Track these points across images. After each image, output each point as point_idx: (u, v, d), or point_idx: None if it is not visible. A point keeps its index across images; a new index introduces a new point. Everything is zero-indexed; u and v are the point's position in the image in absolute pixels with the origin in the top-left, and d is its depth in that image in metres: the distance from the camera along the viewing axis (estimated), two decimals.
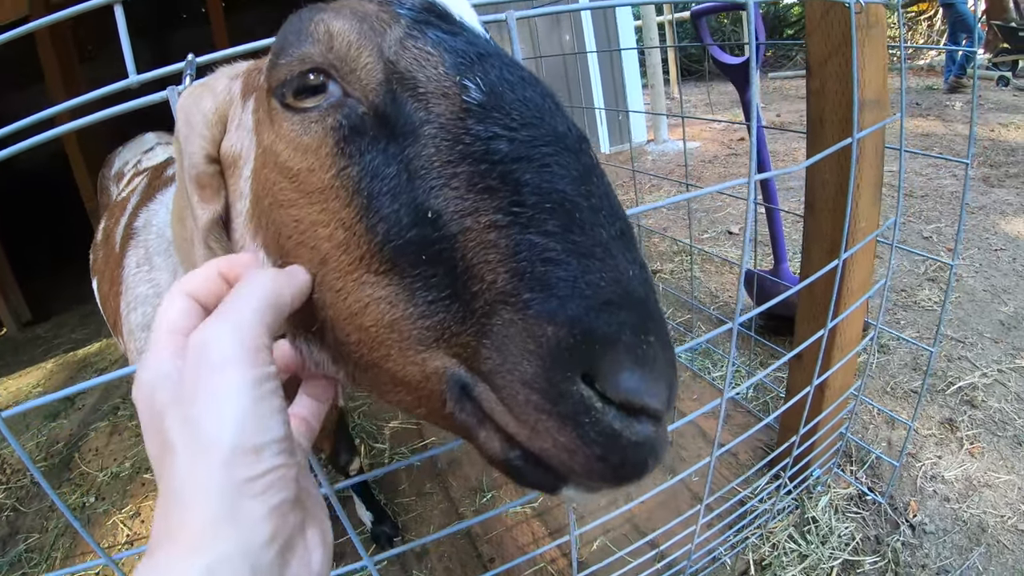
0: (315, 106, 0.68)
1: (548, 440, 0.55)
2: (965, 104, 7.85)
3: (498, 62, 0.66)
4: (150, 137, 2.93)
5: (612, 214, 0.61)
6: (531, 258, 0.57)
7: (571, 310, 0.54)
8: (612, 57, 7.68)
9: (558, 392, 0.54)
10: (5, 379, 5.12)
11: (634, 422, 0.54)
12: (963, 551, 2.05)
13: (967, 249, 4.02)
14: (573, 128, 0.65)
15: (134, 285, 1.43)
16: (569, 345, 0.53)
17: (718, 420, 1.52)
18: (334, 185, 0.66)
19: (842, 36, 1.67)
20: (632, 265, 0.58)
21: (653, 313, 0.57)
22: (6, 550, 2.95)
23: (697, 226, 5.16)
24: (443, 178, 0.61)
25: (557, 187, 0.59)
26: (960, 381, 2.80)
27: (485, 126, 0.61)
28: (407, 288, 0.61)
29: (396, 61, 0.65)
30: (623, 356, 0.53)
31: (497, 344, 0.57)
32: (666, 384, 0.55)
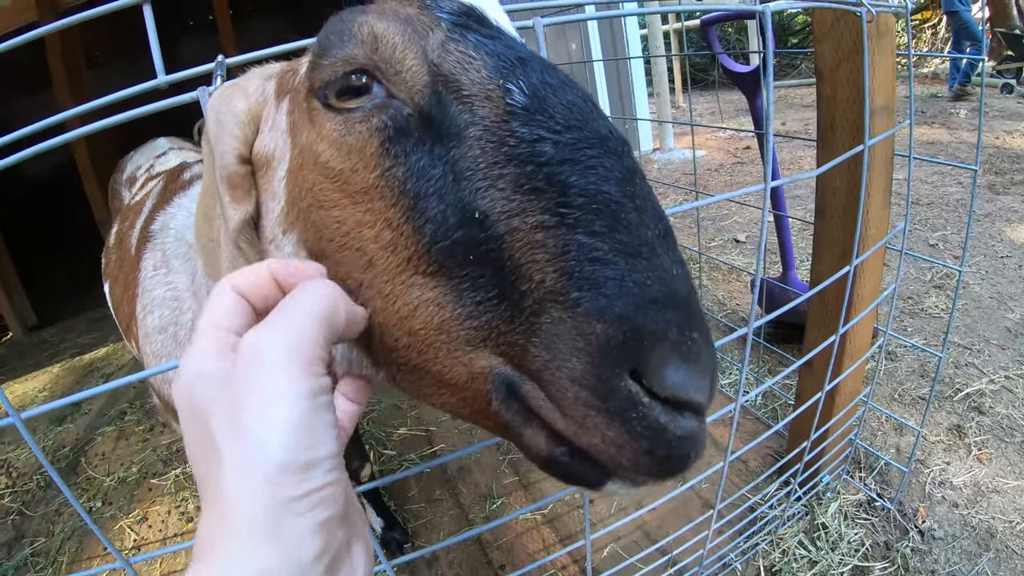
0: (359, 107, 0.68)
1: (597, 435, 0.56)
2: (970, 112, 7.85)
3: (538, 66, 0.67)
4: (162, 142, 2.93)
5: (655, 215, 0.62)
6: (579, 258, 0.58)
7: (619, 308, 0.55)
8: (618, 66, 7.70)
9: (607, 388, 0.55)
10: (11, 383, 5.12)
11: (679, 416, 0.55)
12: (972, 556, 2.05)
13: (973, 256, 4.02)
14: (614, 131, 0.66)
15: (151, 288, 1.44)
16: (618, 342, 0.54)
17: (730, 427, 1.52)
18: (379, 185, 0.66)
19: (853, 44, 1.68)
20: (676, 264, 0.60)
21: (695, 310, 0.58)
22: (12, 554, 2.95)
23: (704, 235, 5.16)
24: (489, 179, 0.62)
25: (603, 189, 0.60)
26: (968, 387, 2.79)
27: (530, 128, 0.62)
28: (455, 289, 0.62)
29: (440, 64, 0.66)
30: (670, 352, 0.54)
31: (546, 342, 0.58)
32: (709, 379, 0.56)
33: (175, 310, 1.36)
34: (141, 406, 4.09)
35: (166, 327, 1.38)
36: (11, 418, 0.87)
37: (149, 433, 3.77)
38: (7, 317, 6.32)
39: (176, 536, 2.81)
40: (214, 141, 0.80)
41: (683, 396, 0.54)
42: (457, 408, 0.68)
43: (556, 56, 7.07)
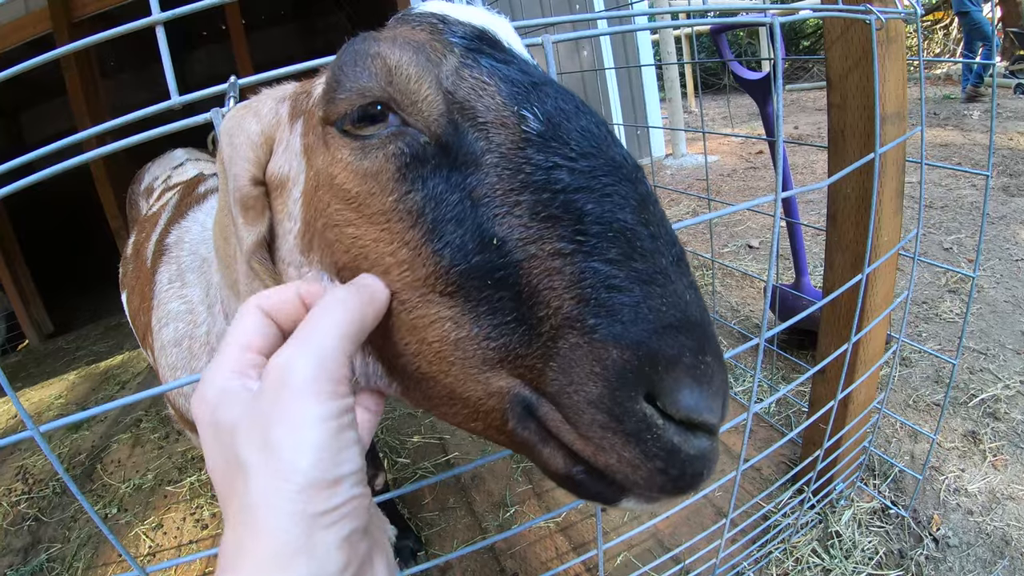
0: (375, 134, 0.69)
1: (613, 456, 0.58)
2: (983, 113, 7.81)
3: (552, 91, 0.68)
4: (179, 153, 2.95)
5: (669, 241, 0.63)
6: (596, 285, 0.59)
7: (635, 334, 0.57)
8: (630, 72, 7.70)
9: (623, 411, 0.57)
10: (28, 390, 5.16)
11: (691, 436, 0.57)
12: (987, 564, 2.03)
13: (987, 260, 3.99)
14: (629, 157, 0.67)
15: (166, 301, 1.45)
16: (633, 367, 0.56)
17: (743, 435, 1.52)
18: (397, 208, 0.67)
19: (862, 51, 1.68)
20: (689, 290, 0.61)
21: (709, 334, 0.60)
22: (28, 559, 2.97)
23: (717, 240, 5.16)
24: (506, 206, 0.64)
25: (618, 216, 0.62)
26: (983, 393, 2.78)
27: (545, 156, 0.64)
28: (473, 310, 0.64)
29: (454, 91, 0.67)
30: (684, 376, 0.56)
31: (563, 366, 0.60)
32: (721, 400, 0.58)
33: (190, 323, 1.37)
34: (157, 414, 4.12)
35: (180, 340, 1.39)
36: (30, 431, 0.88)
37: (164, 441, 3.80)
38: (24, 325, 6.38)
39: (191, 543, 2.82)
40: (227, 163, 0.81)
41: (697, 418, 0.56)
42: (468, 422, 0.69)
43: (568, 64, 7.09)
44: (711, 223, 3.77)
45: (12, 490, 3.63)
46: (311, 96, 0.79)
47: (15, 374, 5.67)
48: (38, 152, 0.86)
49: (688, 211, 6.12)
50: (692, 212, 6.07)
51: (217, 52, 9.22)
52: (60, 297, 7.27)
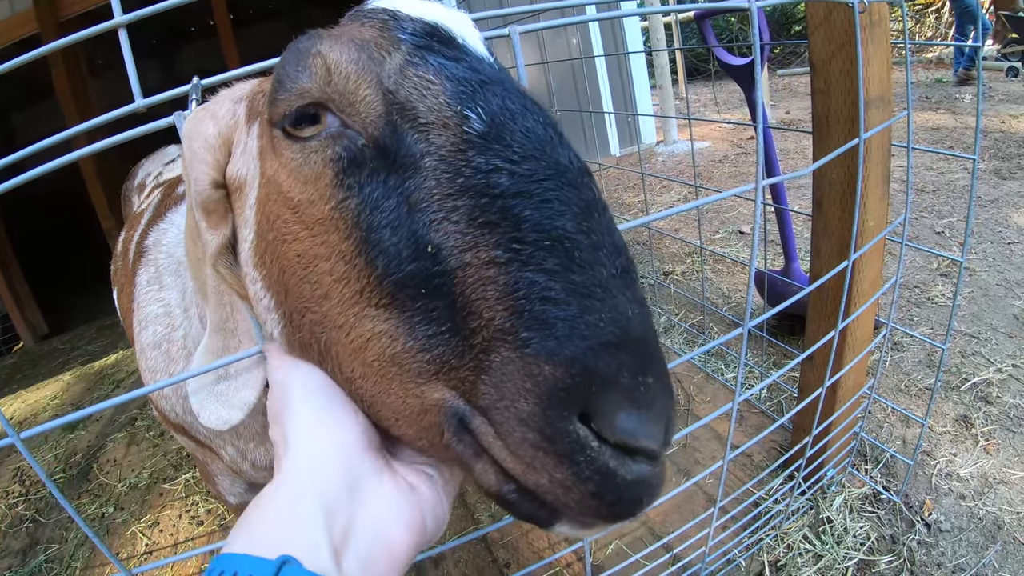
0: (314, 135, 0.68)
1: (544, 476, 0.56)
2: (975, 97, 7.79)
3: (500, 90, 0.66)
4: (172, 149, 2.95)
5: (613, 251, 0.61)
6: (530, 296, 0.57)
7: (569, 350, 0.55)
8: (620, 59, 7.69)
9: (554, 431, 0.54)
10: (23, 392, 5.16)
11: (629, 461, 0.55)
12: (979, 549, 2.04)
13: (980, 243, 3.99)
14: (575, 160, 0.65)
15: (145, 304, 1.44)
16: (566, 385, 0.54)
17: (733, 423, 1.52)
18: (334, 217, 0.66)
19: (846, 35, 1.67)
20: (632, 304, 0.58)
21: (652, 353, 0.57)
22: (26, 561, 2.98)
23: (708, 226, 5.15)
24: (444, 211, 0.61)
25: (557, 224, 0.59)
26: (974, 377, 2.78)
27: (486, 158, 0.62)
28: (407, 322, 0.62)
29: (396, 91, 0.65)
30: (620, 398, 0.54)
31: (495, 380, 0.58)
32: (663, 424, 0.55)
33: (168, 327, 1.36)
34: (151, 413, 4.11)
35: (159, 343, 1.38)
36: (11, 438, 0.88)
37: (159, 439, 3.80)
38: (19, 327, 6.37)
39: (187, 540, 2.83)
40: (188, 168, 0.79)
41: (633, 443, 0.54)
42: (415, 440, 0.67)
43: (556, 52, 7.07)
44: (699, 210, 3.77)
45: (10, 492, 3.63)
46: (266, 96, 0.76)
47: (11, 376, 5.66)
48: (24, 151, 0.85)
49: (680, 198, 6.12)
50: (683, 199, 6.06)
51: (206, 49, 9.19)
52: (54, 298, 7.26)
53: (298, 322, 0.71)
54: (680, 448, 2.70)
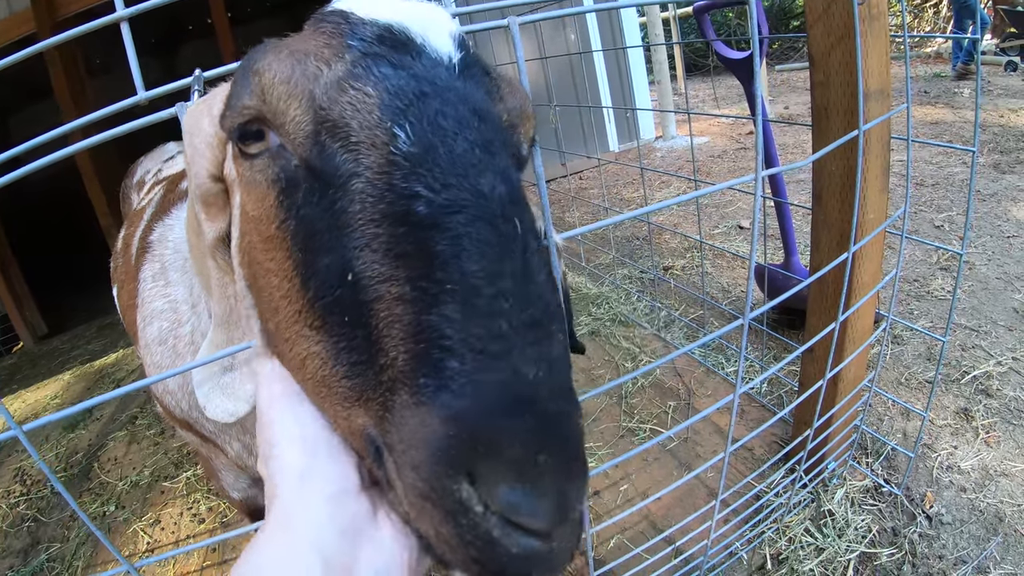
0: (259, 153, 0.66)
1: (431, 528, 0.53)
2: (974, 91, 7.77)
3: (438, 102, 0.62)
4: (171, 146, 2.95)
5: (523, 300, 0.55)
6: (430, 342, 0.54)
7: (460, 407, 0.51)
8: (618, 54, 7.69)
9: (440, 487, 0.51)
10: (23, 392, 5.16)
11: (516, 533, 0.51)
12: (980, 541, 2.04)
13: (979, 237, 4.00)
14: (499, 187, 0.60)
15: (150, 299, 1.44)
16: (453, 444, 0.50)
17: (731, 415, 1.52)
18: (278, 236, 0.64)
19: (845, 28, 1.67)
20: (536, 364, 0.53)
21: (550, 420, 0.52)
22: (28, 560, 2.98)
23: (707, 221, 5.16)
24: (365, 238, 0.58)
25: (463, 264, 0.55)
26: (975, 370, 2.78)
27: (409, 183, 0.58)
28: (335, 347, 0.60)
29: (329, 108, 0.62)
30: (504, 468, 0.50)
31: (396, 421, 0.55)
32: (552, 502, 0.50)
33: (174, 322, 1.37)
34: (152, 410, 4.12)
35: (165, 339, 1.38)
36: (14, 431, 0.88)
37: (160, 437, 3.80)
38: (18, 327, 6.38)
39: (188, 538, 2.83)
40: (189, 161, 0.78)
41: (515, 518, 0.50)
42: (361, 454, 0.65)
43: (555, 47, 7.07)
44: (699, 204, 3.77)
45: (11, 492, 3.63)
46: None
47: (11, 376, 5.66)
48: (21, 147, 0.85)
49: (679, 193, 6.11)
50: (682, 194, 6.05)
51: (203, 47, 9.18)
52: (53, 298, 7.26)
53: (265, 326, 0.71)
54: (681, 442, 2.70)
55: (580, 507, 0.53)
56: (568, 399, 0.54)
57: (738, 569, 2.11)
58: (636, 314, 3.93)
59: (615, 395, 3.14)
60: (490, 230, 0.57)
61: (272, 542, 0.59)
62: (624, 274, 4.54)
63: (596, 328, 3.81)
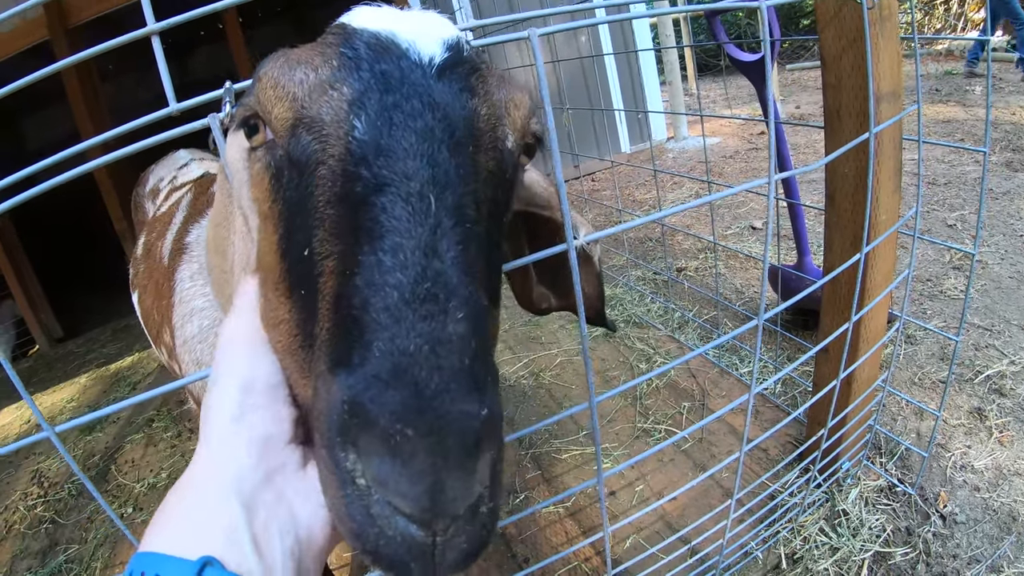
0: (258, 145, 0.72)
1: (327, 495, 0.55)
2: (985, 88, 7.75)
3: (397, 97, 0.65)
4: (183, 154, 2.97)
5: (421, 276, 0.56)
6: (341, 312, 0.56)
7: (348, 375, 0.52)
8: (629, 55, 7.69)
9: (332, 454, 0.52)
10: (39, 395, 5.21)
11: (395, 515, 0.51)
12: (994, 540, 2.04)
13: (992, 236, 3.98)
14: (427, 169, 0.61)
15: (189, 299, 1.48)
16: (341, 412, 0.51)
17: (746, 416, 1.53)
18: (270, 215, 0.70)
19: (856, 31, 1.68)
20: (422, 339, 0.53)
21: (425, 397, 0.50)
22: (46, 561, 3.01)
23: (720, 222, 5.16)
24: (320, 218, 0.63)
25: (375, 239, 0.57)
26: (988, 370, 2.78)
27: (357, 167, 0.62)
28: (297, 316, 0.63)
29: (310, 106, 0.67)
30: (374, 439, 0.49)
31: (316, 390, 0.57)
32: (425, 487, 0.49)
33: (214, 320, 1.41)
34: (168, 413, 4.15)
35: (206, 336, 1.42)
36: (46, 432, 0.90)
37: (177, 439, 3.83)
38: (33, 330, 6.42)
39: None
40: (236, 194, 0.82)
41: (386, 496, 0.50)
42: None
43: (567, 51, 7.08)
44: (712, 205, 3.77)
45: (28, 494, 3.67)
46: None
47: (26, 379, 5.70)
48: (41, 164, 0.87)
49: (691, 194, 6.12)
50: (695, 195, 6.06)
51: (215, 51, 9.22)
52: (68, 301, 7.31)
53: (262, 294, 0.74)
54: (696, 442, 2.71)
55: (467, 504, 0.52)
56: (458, 381, 0.52)
57: (753, 568, 2.12)
58: (650, 315, 3.94)
59: (630, 396, 3.15)
60: (403, 207, 0.59)
61: (195, 484, 0.60)
62: (638, 276, 4.55)
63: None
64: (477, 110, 0.69)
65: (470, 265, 0.60)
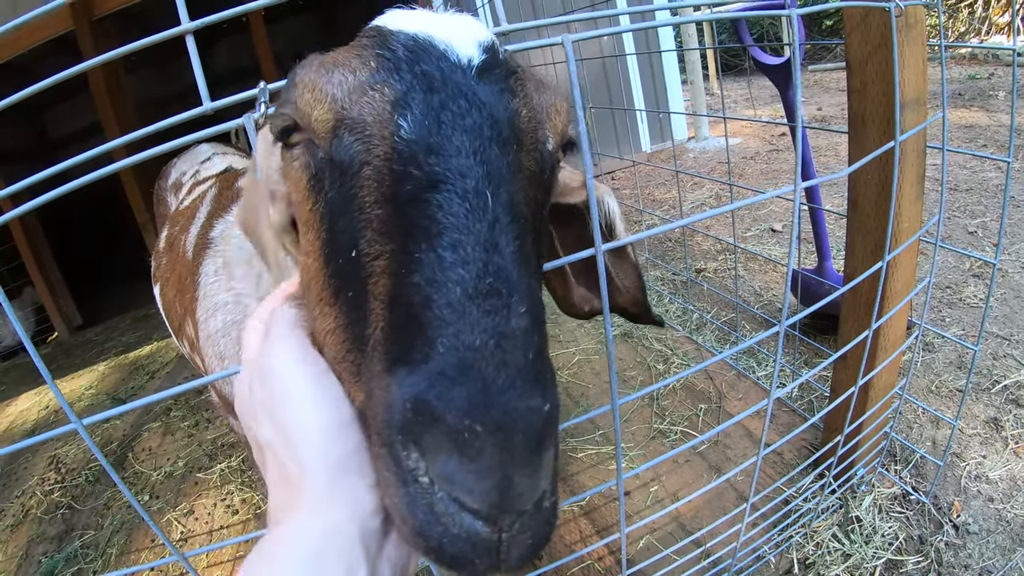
0: (296, 144, 0.72)
1: (387, 497, 0.54)
2: (1008, 94, 7.68)
3: (443, 96, 0.65)
4: (205, 148, 2.99)
5: (482, 271, 0.56)
6: (398, 309, 0.56)
7: (409, 372, 0.51)
8: (651, 56, 7.67)
9: (392, 454, 0.52)
10: (58, 382, 5.24)
11: (460, 512, 0.50)
12: (1006, 552, 2.04)
13: (1013, 244, 3.95)
14: (480, 167, 0.62)
15: (213, 293, 1.49)
16: (403, 409, 0.50)
17: (764, 420, 1.53)
18: (309, 220, 0.70)
19: (882, 37, 1.67)
20: (486, 334, 0.52)
21: (492, 392, 0.50)
22: (62, 546, 3.05)
23: (740, 224, 5.14)
24: (367, 219, 0.62)
25: (432, 235, 0.57)
26: (1006, 379, 2.76)
27: (405, 166, 0.61)
28: (344, 321, 0.63)
29: (350, 107, 0.67)
30: (441, 436, 0.49)
31: (368, 391, 0.57)
32: (493, 482, 0.48)
33: (239, 314, 1.42)
34: (186, 402, 4.19)
35: (229, 331, 1.43)
36: (74, 424, 0.92)
37: (194, 429, 3.86)
38: (53, 318, 6.48)
39: (222, 528, 2.88)
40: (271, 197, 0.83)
41: (452, 492, 0.49)
42: None
43: (589, 50, 7.07)
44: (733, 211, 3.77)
45: (45, 479, 3.72)
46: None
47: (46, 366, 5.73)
48: (69, 162, 0.88)
49: (711, 195, 6.10)
50: (715, 196, 6.04)
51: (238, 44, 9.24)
52: (88, 290, 7.37)
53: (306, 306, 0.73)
54: (712, 445, 2.71)
55: (534, 500, 0.51)
56: (523, 377, 0.52)
57: (765, 573, 2.12)
58: (668, 316, 3.94)
59: (647, 397, 3.15)
60: (460, 204, 0.58)
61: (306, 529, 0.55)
62: (656, 276, 4.55)
63: (628, 330, 3.82)
64: (519, 111, 0.69)
65: (527, 261, 0.61)
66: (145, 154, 0.86)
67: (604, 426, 2.98)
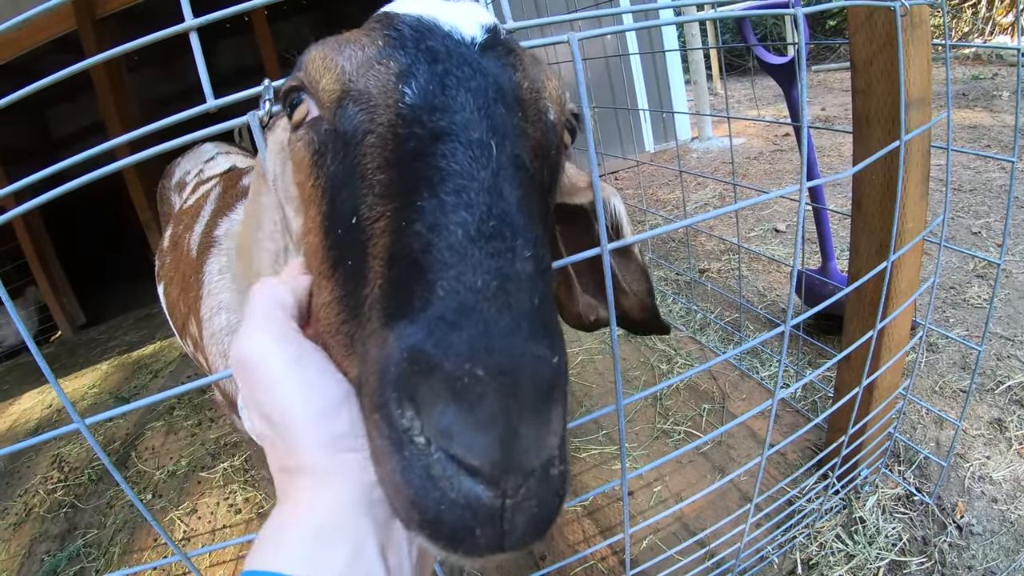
0: (301, 122, 0.73)
1: (381, 468, 0.49)
2: (1013, 94, 7.66)
3: (446, 65, 0.66)
4: (209, 147, 2.99)
5: (486, 214, 0.54)
6: (401, 262, 0.53)
7: (410, 324, 0.48)
8: (654, 56, 7.66)
9: (385, 413, 0.47)
10: (61, 380, 5.25)
11: (460, 474, 0.45)
12: (1010, 553, 2.03)
13: (1017, 244, 3.94)
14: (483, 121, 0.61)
15: (217, 292, 1.49)
16: (398, 362, 0.46)
17: (768, 421, 1.53)
18: (312, 196, 0.70)
19: (887, 36, 1.67)
20: (488, 275, 0.49)
21: (495, 334, 0.46)
22: (65, 545, 3.05)
23: (743, 224, 5.13)
24: (369, 185, 0.62)
25: (435, 183, 0.56)
26: (1010, 380, 2.76)
27: (409, 128, 0.61)
28: (340, 291, 0.61)
29: (356, 79, 0.68)
30: (437, 384, 0.44)
31: (363, 356, 0.54)
32: (495, 436, 0.43)
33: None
34: (189, 401, 4.19)
35: (233, 329, 1.43)
36: (76, 424, 0.92)
37: (197, 428, 3.87)
38: (56, 316, 6.49)
39: (225, 528, 2.88)
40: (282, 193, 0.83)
41: (449, 448, 0.44)
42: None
43: (591, 50, 7.06)
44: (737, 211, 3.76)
45: (48, 478, 3.72)
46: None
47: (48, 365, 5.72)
48: (72, 160, 0.88)
49: (715, 195, 6.09)
50: (719, 195, 6.03)
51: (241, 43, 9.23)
52: (92, 288, 7.37)
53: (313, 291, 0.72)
54: (715, 445, 2.70)
55: (541, 461, 0.46)
56: (529, 321, 0.48)
57: (769, 573, 2.12)
58: (672, 316, 3.93)
59: (650, 397, 3.14)
60: (464, 152, 0.58)
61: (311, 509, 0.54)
62: (660, 276, 4.54)
63: None
64: (520, 82, 0.70)
65: (532, 212, 0.58)
66: (148, 152, 0.86)
67: (608, 426, 2.98)
